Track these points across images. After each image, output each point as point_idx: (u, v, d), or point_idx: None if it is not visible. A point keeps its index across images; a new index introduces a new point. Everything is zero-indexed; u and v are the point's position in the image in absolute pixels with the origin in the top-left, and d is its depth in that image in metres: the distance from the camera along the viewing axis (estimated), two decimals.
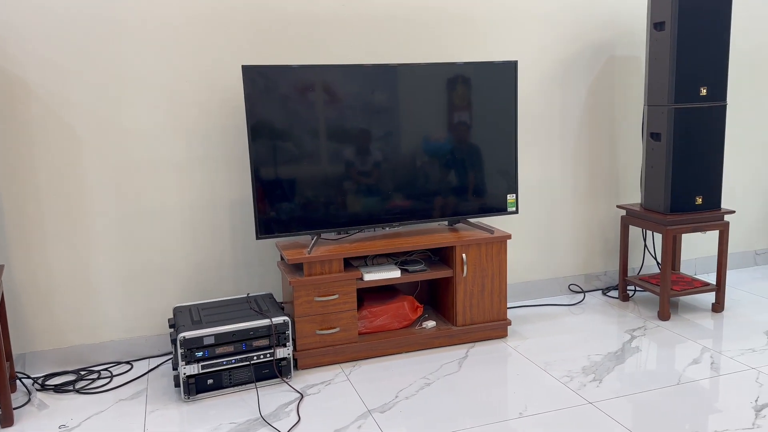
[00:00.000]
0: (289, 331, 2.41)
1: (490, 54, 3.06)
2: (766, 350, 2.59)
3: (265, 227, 2.53)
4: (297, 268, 2.65)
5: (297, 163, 2.52)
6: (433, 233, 2.79)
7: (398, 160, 2.66)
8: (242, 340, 2.36)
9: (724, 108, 2.89)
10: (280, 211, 2.53)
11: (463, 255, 2.69)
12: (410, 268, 2.70)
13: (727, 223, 2.99)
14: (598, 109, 3.30)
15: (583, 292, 3.41)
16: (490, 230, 2.79)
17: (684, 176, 2.91)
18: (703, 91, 2.85)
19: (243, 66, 2.42)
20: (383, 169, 2.65)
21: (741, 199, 3.67)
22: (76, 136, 2.55)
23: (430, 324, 2.76)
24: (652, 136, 2.99)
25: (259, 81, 2.43)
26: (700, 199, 2.94)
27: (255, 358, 2.38)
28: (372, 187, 2.64)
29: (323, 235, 2.80)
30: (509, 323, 2.81)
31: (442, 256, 2.83)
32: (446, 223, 2.97)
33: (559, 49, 3.18)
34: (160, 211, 2.69)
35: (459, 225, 2.94)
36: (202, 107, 2.68)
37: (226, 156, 2.73)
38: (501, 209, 2.85)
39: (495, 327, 2.79)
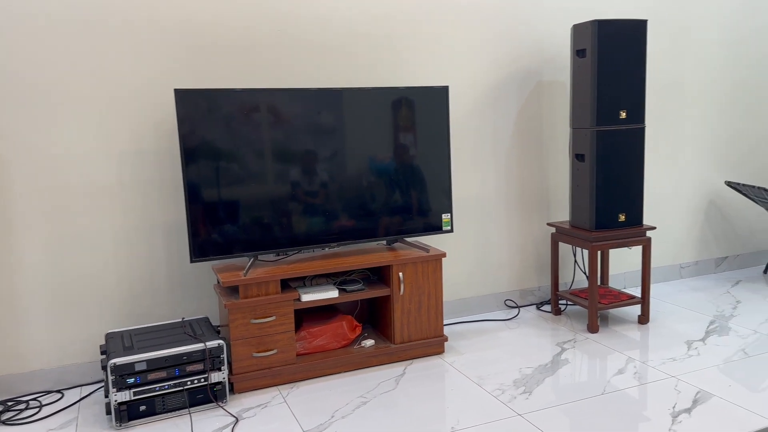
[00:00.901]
0: (224, 355, 2.37)
1: (429, 79, 3.13)
2: (685, 359, 2.70)
3: (200, 250, 2.49)
4: (233, 290, 2.62)
5: (232, 186, 2.51)
6: (372, 253, 2.81)
7: (336, 182, 2.68)
8: (175, 365, 2.30)
9: (642, 130, 3.04)
10: (215, 233, 2.50)
11: (400, 274, 2.72)
12: (349, 287, 2.71)
13: (649, 239, 3.12)
14: (528, 131, 3.42)
15: (518, 307, 3.48)
16: (426, 249, 2.83)
17: (607, 195, 3.03)
18: (623, 114, 3.00)
19: (176, 89, 2.40)
20: (320, 190, 2.66)
21: (665, 215, 3.85)
22: (4, 160, 2.47)
23: (369, 343, 2.77)
24: (576, 157, 3.11)
25: (192, 104, 2.42)
26: (623, 216, 3.07)
27: (189, 383, 2.33)
28: (309, 208, 2.65)
29: (262, 257, 2.78)
30: (446, 339, 2.84)
31: (380, 275, 2.85)
32: (385, 242, 3.00)
33: (492, 74, 3.28)
34: (92, 235, 2.62)
35: (397, 244, 2.97)
36: (136, 130, 2.64)
37: (161, 179, 2.69)
38: (436, 228, 2.89)
39: (432, 344, 2.81)
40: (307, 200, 2.64)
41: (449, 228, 2.91)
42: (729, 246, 4.08)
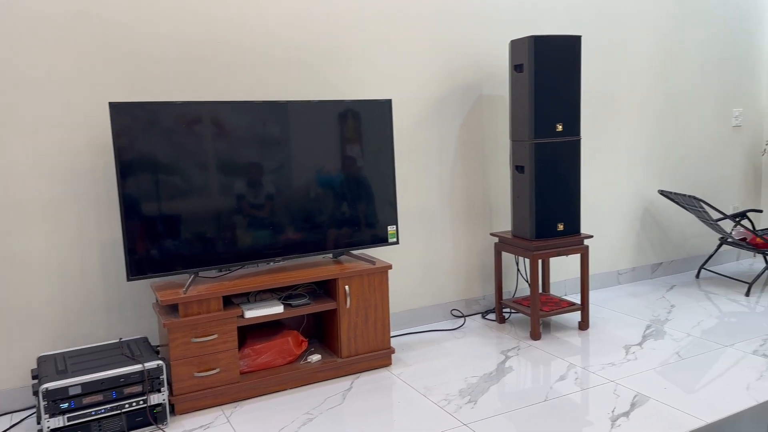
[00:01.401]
0: (164, 376, 2.29)
1: (374, 92, 3.13)
2: (624, 363, 2.78)
3: (137, 268, 2.41)
4: (173, 309, 2.54)
5: (172, 200, 2.44)
6: (318, 266, 2.78)
7: (282, 195, 2.64)
8: (112, 388, 2.21)
9: (578, 142, 3.13)
10: (153, 249, 2.42)
11: (347, 287, 2.70)
12: (294, 302, 2.66)
13: (587, 247, 3.21)
14: (470, 143, 3.47)
15: (464, 316, 3.51)
16: (372, 261, 2.82)
17: (546, 205, 3.10)
18: (559, 127, 3.08)
19: (110, 103, 2.32)
20: (265, 203, 2.62)
21: (602, 223, 3.97)
22: None
23: (316, 358, 2.73)
24: (517, 169, 3.17)
25: (129, 117, 2.34)
26: (562, 226, 3.14)
27: (127, 406, 2.23)
28: (254, 222, 2.60)
29: (204, 273, 2.71)
30: (393, 351, 2.83)
31: (326, 288, 2.82)
32: (331, 255, 2.97)
33: (434, 88, 3.32)
34: (24, 255, 2.49)
35: (343, 257, 2.95)
36: (69, 144, 2.53)
37: (96, 195, 2.59)
38: (383, 240, 2.89)
39: (379, 356, 2.80)
40: (252, 213, 2.59)
41: (395, 240, 2.91)
42: (663, 252, 4.24)
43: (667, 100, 4.12)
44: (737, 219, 3.99)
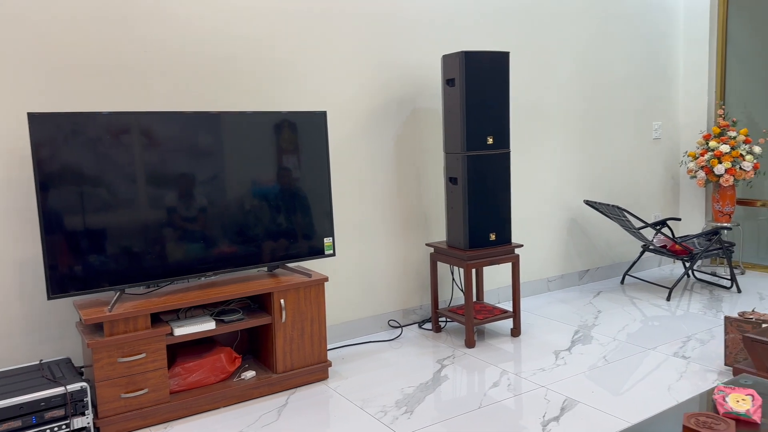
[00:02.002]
0: (89, 398, 2.19)
1: (309, 104, 3.12)
2: (554, 368, 2.86)
3: (59, 285, 2.29)
4: (98, 328, 2.43)
5: (97, 214, 2.34)
6: (252, 280, 2.73)
7: (214, 207, 2.58)
8: (32, 413, 2.09)
9: (508, 154, 3.22)
10: (77, 266, 2.31)
11: (282, 301, 2.66)
12: (227, 318, 2.60)
13: (518, 256, 3.29)
14: (406, 155, 3.50)
15: (401, 326, 3.53)
16: (308, 274, 2.79)
17: (479, 215, 3.17)
18: (490, 140, 3.16)
19: (29, 113, 2.21)
20: (197, 216, 2.55)
21: (532, 233, 4.09)
22: None
23: (250, 374, 2.68)
24: (450, 180, 3.23)
25: (49, 129, 2.24)
26: (494, 236, 3.22)
27: (49, 431, 2.11)
28: (185, 235, 2.53)
29: (131, 290, 2.61)
30: (330, 365, 2.81)
31: (261, 303, 2.77)
32: (266, 269, 2.93)
33: (369, 100, 3.33)
34: None
35: (278, 270, 2.91)
36: None
37: (14, 210, 2.45)
38: (319, 252, 2.87)
39: (316, 370, 2.77)
40: (183, 227, 2.52)
41: (332, 252, 2.90)
42: (590, 259, 4.41)
43: (591, 114, 4.30)
44: (658, 227, 4.20)
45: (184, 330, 2.46)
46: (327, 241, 2.90)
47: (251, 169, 2.66)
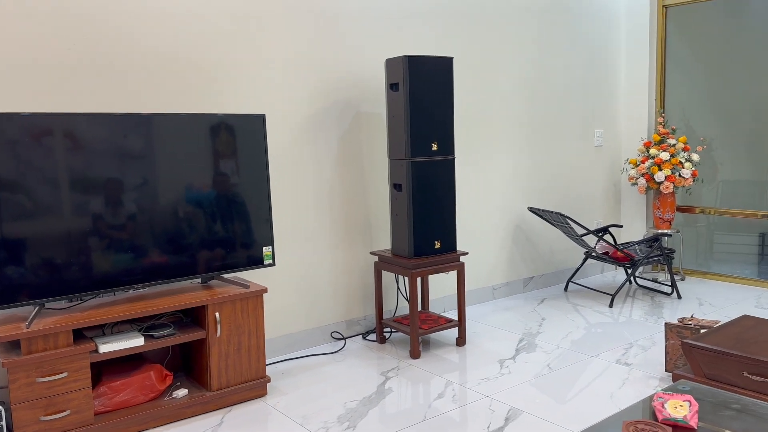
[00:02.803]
0: (3, 422, 2.06)
1: (248, 107, 3.07)
2: (498, 378, 2.90)
3: None
4: (14, 345, 2.30)
5: (12, 223, 2.21)
6: (184, 293, 2.65)
7: (145, 215, 2.50)
8: None
9: (452, 161, 3.26)
10: None
11: (217, 314, 2.59)
12: (157, 333, 2.51)
13: (463, 264, 3.33)
14: (349, 160, 3.49)
15: (344, 338, 3.50)
16: (245, 285, 2.74)
17: (424, 223, 3.19)
18: (435, 146, 3.19)
19: None
20: (126, 224, 2.46)
21: (477, 240, 4.15)
22: None
23: (182, 392, 2.59)
24: (395, 187, 3.24)
25: None
26: (439, 243, 3.24)
27: None
28: (112, 245, 2.43)
29: (52, 304, 2.48)
30: (269, 380, 2.76)
31: (194, 316, 2.70)
32: (200, 280, 2.85)
33: (311, 104, 3.31)
34: None
35: (213, 282, 2.84)
36: None
37: None
38: (257, 262, 2.82)
39: (254, 386, 2.71)
40: (110, 235, 2.42)
41: (271, 261, 2.86)
42: (534, 266, 4.51)
43: (536, 121, 4.41)
44: (600, 234, 4.34)
45: (109, 347, 2.36)
46: (266, 250, 2.85)
47: (185, 174, 2.59)
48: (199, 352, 2.67)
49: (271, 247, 2.86)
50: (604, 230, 4.44)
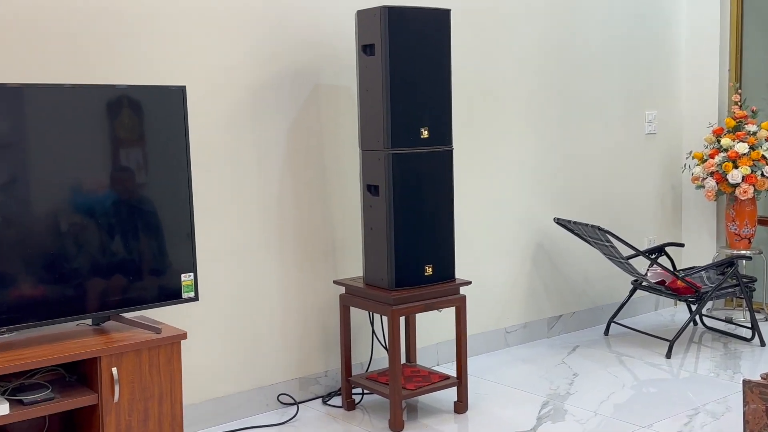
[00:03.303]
0: None
1: (160, 76, 3.05)
2: None
3: None
4: None
5: None
6: (68, 339, 2.63)
7: (10, 230, 2.47)
8: None
9: (449, 153, 3.25)
10: None
11: (114, 369, 2.56)
12: (27, 397, 2.47)
13: (464, 298, 3.32)
14: (304, 152, 3.47)
15: (297, 403, 3.47)
16: (155, 328, 2.71)
17: (409, 240, 3.17)
18: (425, 133, 3.18)
19: None
20: None
21: (484, 265, 4.14)
22: None
23: None
24: (369, 190, 3.22)
25: None
26: (431, 269, 3.23)
27: None
28: None
29: None
30: None
31: (82, 373, 2.66)
32: (90, 321, 2.80)
33: (251, 74, 3.29)
34: None
35: (110, 323, 2.81)
36: None
37: None
38: (173, 295, 2.81)
39: None
40: None
41: (192, 294, 2.86)
42: (562, 302, 4.52)
43: (562, 98, 4.43)
44: (653, 256, 4.36)
45: None
46: (186, 278, 2.85)
47: (71, 169, 2.59)
48: (88, 423, 2.63)
49: (192, 274, 2.85)
50: (659, 251, 4.46)
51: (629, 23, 4.71)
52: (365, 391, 3.60)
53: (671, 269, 4.42)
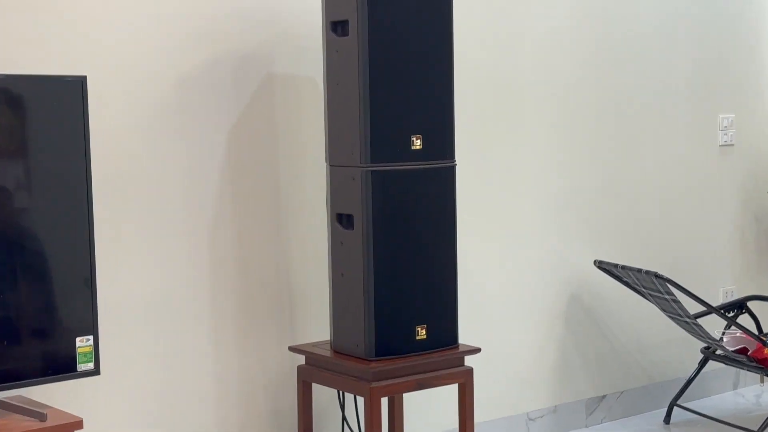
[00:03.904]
0: None
1: (61, 62, 3.05)
2: None
3: None
4: None
5: None
6: None
7: None
8: None
9: (451, 171, 3.25)
10: None
11: None
12: None
13: (470, 372, 3.31)
14: (251, 168, 3.48)
15: None
16: (40, 414, 2.69)
17: (396, 291, 3.17)
18: (417, 143, 3.17)
19: None
20: None
21: (497, 324, 4.12)
22: None
23: None
24: (339, 220, 3.21)
25: None
26: (424, 331, 3.21)
27: None
28: None
29: None
30: None
31: None
32: None
33: (181, 59, 3.30)
34: None
35: None
36: None
37: None
38: (64, 368, 2.80)
39: None
40: None
41: (91, 366, 2.86)
42: (606, 377, 4.51)
43: (604, 99, 4.46)
44: (731, 314, 4.36)
45: None
46: (83, 343, 2.85)
47: None
48: None
49: (92, 337, 2.83)
50: (740, 307, 4.47)
51: (697, 6, 4.75)
52: None
53: (756, 332, 4.41)
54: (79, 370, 2.82)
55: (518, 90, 4.15)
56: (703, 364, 4.36)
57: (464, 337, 3.83)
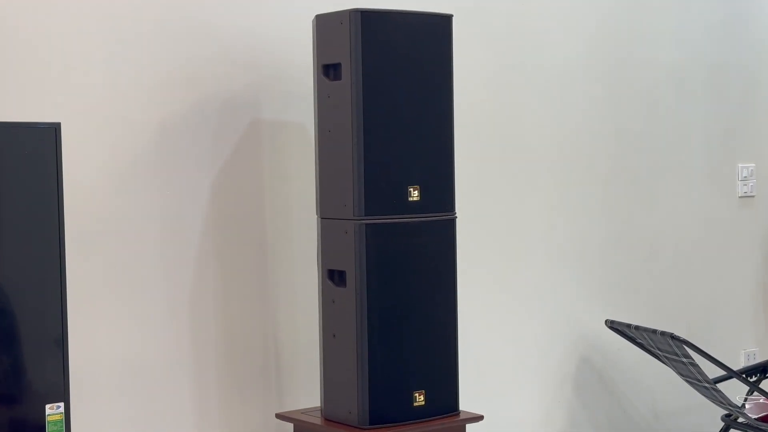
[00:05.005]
0: None
1: (35, 109, 3.07)
2: None
3: None
4: None
5: None
6: None
7: None
8: None
9: (451, 224, 3.26)
10: None
11: None
12: None
13: None
14: (236, 220, 3.48)
15: None
16: None
17: (392, 353, 3.16)
18: (415, 194, 3.18)
19: None
20: None
21: (502, 390, 4.11)
22: None
23: None
24: (331, 277, 3.21)
25: None
26: (422, 397, 3.20)
27: None
28: None
29: None
30: None
31: None
32: None
33: (156, 104, 3.31)
34: None
35: None
36: None
37: None
38: None
39: None
40: None
41: None
42: None
43: (616, 146, 4.48)
44: (754, 378, 4.34)
45: None
46: (53, 410, 2.82)
47: None
48: None
49: (63, 405, 2.81)
50: (763, 371, 4.45)
51: (715, 36, 4.79)
52: None
53: None
54: None
55: (524, 137, 4.17)
56: None
57: (465, 404, 3.82)
